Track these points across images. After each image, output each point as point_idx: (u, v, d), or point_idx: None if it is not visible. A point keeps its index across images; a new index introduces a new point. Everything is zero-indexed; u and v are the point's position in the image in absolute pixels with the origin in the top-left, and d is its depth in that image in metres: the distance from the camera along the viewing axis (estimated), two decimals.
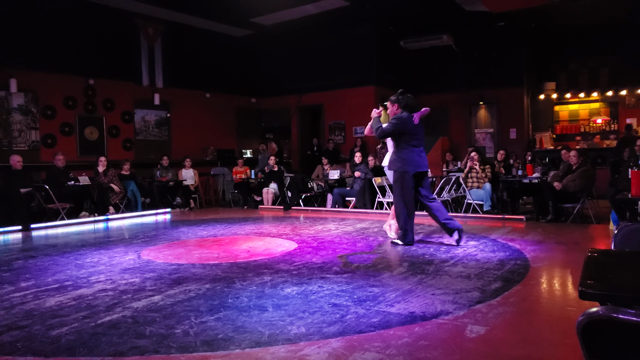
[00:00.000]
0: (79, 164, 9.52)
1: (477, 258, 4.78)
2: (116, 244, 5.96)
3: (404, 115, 5.41)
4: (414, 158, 5.35)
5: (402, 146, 5.39)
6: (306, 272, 4.27)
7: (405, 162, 5.35)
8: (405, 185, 5.36)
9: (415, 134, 5.40)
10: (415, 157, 5.36)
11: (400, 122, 5.35)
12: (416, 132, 5.41)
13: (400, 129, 5.35)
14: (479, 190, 8.13)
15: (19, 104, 9.13)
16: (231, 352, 2.56)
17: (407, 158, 5.35)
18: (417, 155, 5.40)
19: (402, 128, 5.35)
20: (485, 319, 3.01)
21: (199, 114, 12.13)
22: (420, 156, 5.42)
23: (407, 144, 5.37)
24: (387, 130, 5.41)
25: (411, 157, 5.35)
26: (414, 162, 5.35)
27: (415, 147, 5.40)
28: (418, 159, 5.39)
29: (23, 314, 3.25)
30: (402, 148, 5.39)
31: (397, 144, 5.43)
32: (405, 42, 11.98)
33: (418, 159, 5.39)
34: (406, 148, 5.37)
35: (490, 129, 12.68)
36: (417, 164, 5.38)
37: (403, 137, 5.37)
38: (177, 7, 10.40)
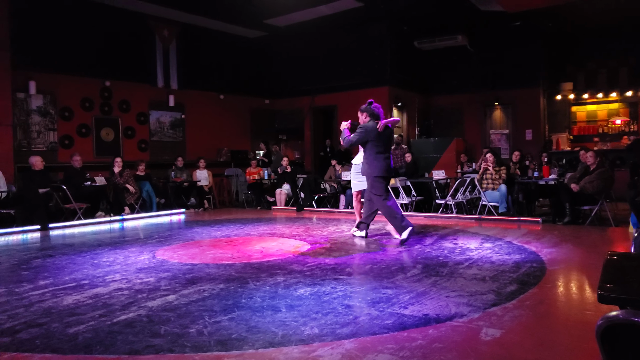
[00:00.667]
0: (96, 165, 9.64)
1: (492, 260, 4.73)
2: (131, 244, 6.03)
3: (369, 125, 5.80)
4: (379, 164, 5.76)
5: (368, 153, 5.83)
6: (319, 273, 4.27)
7: (372, 167, 5.78)
8: (379, 187, 5.78)
9: (380, 141, 5.79)
10: (380, 162, 5.77)
11: (364, 131, 5.77)
12: (381, 140, 5.80)
13: (365, 137, 5.77)
14: (494, 192, 8.05)
15: (37, 105, 9.28)
16: (245, 352, 2.56)
17: (373, 164, 5.77)
18: (382, 160, 5.80)
19: (367, 137, 5.76)
20: (500, 322, 2.98)
21: (213, 115, 12.20)
22: (385, 161, 5.82)
23: (372, 151, 5.79)
24: (352, 140, 5.85)
25: (376, 163, 5.76)
26: (380, 167, 5.76)
27: (381, 154, 5.79)
28: (383, 164, 5.79)
29: (41, 312, 3.30)
30: (369, 155, 5.82)
31: (364, 151, 5.88)
32: (419, 42, 11.93)
33: (383, 164, 5.79)
34: (372, 155, 5.78)
35: (506, 130, 12.56)
36: (382, 169, 5.77)
37: (368, 145, 5.79)
38: (191, 9, 10.49)
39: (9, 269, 4.80)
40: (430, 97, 13.46)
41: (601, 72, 12.17)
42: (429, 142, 11.96)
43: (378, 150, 5.78)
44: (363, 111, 6.00)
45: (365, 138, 5.77)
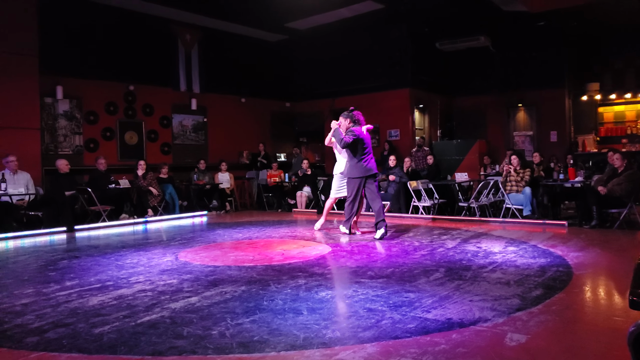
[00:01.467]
0: (120, 168, 9.81)
1: (517, 264, 4.65)
2: (155, 246, 6.10)
3: (357, 128, 6.37)
4: (367, 165, 6.35)
5: (359, 155, 6.34)
6: (340, 276, 4.25)
7: (361, 169, 6.33)
8: (358, 189, 6.39)
9: (366, 143, 6.38)
10: (368, 164, 6.37)
11: (355, 134, 6.28)
12: (367, 142, 6.40)
13: (357, 139, 6.27)
14: (518, 195, 7.92)
15: (64, 110, 9.50)
16: (266, 355, 2.57)
17: (362, 165, 6.33)
18: (369, 162, 6.39)
19: (358, 138, 6.28)
20: (525, 327, 2.92)
21: (235, 118, 12.30)
22: (371, 162, 6.42)
23: (362, 153, 6.34)
24: (348, 141, 6.25)
25: (365, 164, 6.34)
26: (367, 168, 6.35)
27: (367, 155, 6.40)
28: (370, 165, 6.39)
29: (68, 312, 3.36)
30: (359, 156, 6.35)
31: (354, 152, 6.35)
32: (440, 43, 11.83)
33: (370, 165, 6.39)
34: (362, 156, 6.34)
35: (530, 131, 12.36)
36: (369, 169, 6.37)
37: (358, 146, 6.30)
38: (213, 13, 10.60)
39: (37, 269, 4.91)
40: (453, 99, 13.34)
41: (629, 72, 11.89)
42: (451, 144, 11.85)
43: (367, 152, 6.37)
44: (346, 117, 6.53)
45: (358, 139, 6.27)
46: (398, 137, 11.96)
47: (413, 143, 11.70)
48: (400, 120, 11.93)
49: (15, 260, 5.46)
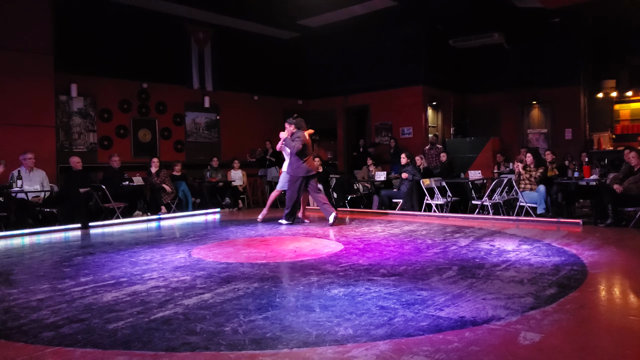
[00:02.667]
0: (133, 165, 9.91)
1: (531, 263, 4.61)
2: (168, 243, 6.15)
3: (301, 133, 7.33)
4: (304, 166, 7.31)
5: (301, 157, 7.25)
6: (353, 274, 4.25)
7: (302, 169, 7.28)
8: (298, 185, 7.33)
9: (308, 146, 7.41)
10: (304, 165, 7.31)
11: (302, 139, 7.25)
12: (308, 145, 7.42)
13: (303, 143, 7.25)
14: (532, 193, 7.85)
15: (78, 107, 9.60)
16: (279, 352, 2.57)
17: (303, 166, 7.29)
18: (310, 162, 7.39)
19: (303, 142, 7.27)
20: (539, 326, 2.89)
21: (247, 116, 12.34)
22: (311, 163, 7.44)
23: (303, 155, 7.27)
24: (298, 146, 7.21)
25: (306, 165, 7.31)
26: (308, 169, 7.33)
27: (308, 156, 7.36)
28: (310, 165, 7.39)
29: (83, 308, 3.40)
30: (301, 158, 7.27)
31: (301, 155, 7.26)
32: (454, 40, 11.75)
33: (306, 167, 7.34)
34: (303, 158, 7.27)
35: (544, 129, 12.22)
36: (309, 170, 7.35)
37: (302, 149, 7.23)
38: (226, 11, 10.64)
39: (52, 265, 4.97)
40: (466, 96, 13.24)
41: None
42: (464, 142, 11.77)
43: (307, 154, 7.33)
44: (291, 123, 7.49)
45: (303, 143, 7.25)
46: (411, 135, 11.91)
47: (426, 141, 11.63)
48: (413, 118, 11.88)
49: (31, 256, 5.54)
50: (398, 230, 6.80)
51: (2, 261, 5.20)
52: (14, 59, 8.11)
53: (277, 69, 12.91)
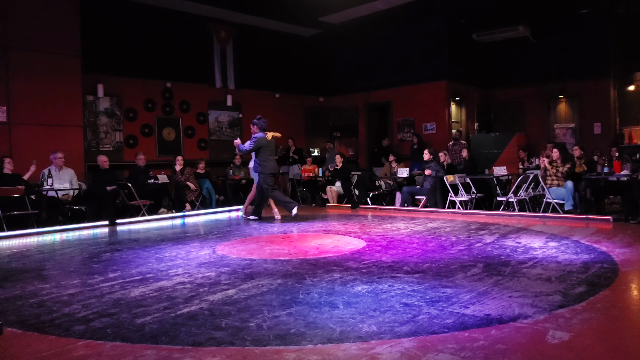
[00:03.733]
0: (158, 163, 10.06)
1: (558, 260, 4.52)
2: (192, 239, 6.23)
3: (259, 135, 7.87)
4: (269, 164, 7.86)
5: (261, 157, 7.82)
6: (376, 271, 4.23)
7: (264, 167, 7.81)
8: (266, 181, 7.83)
9: (269, 147, 7.91)
10: (270, 163, 7.88)
11: (257, 141, 7.81)
12: (270, 146, 7.92)
13: (258, 145, 7.80)
14: (560, 189, 7.68)
15: (105, 107, 9.79)
16: (303, 347, 2.58)
17: (265, 164, 7.82)
18: (272, 162, 7.95)
19: (259, 144, 7.80)
20: (568, 325, 2.84)
21: (269, 113, 12.33)
22: (273, 162, 8.00)
23: (264, 155, 7.82)
24: (249, 148, 7.83)
25: (267, 163, 7.83)
26: (270, 167, 7.87)
27: (270, 156, 7.91)
28: (272, 164, 7.95)
29: (111, 303, 3.47)
30: (262, 158, 7.83)
31: (257, 155, 7.83)
32: (477, 35, 11.57)
33: (272, 165, 7.94)
34: (263, 158, 7.82)
35: (572, 123, 11.95)
36: (271, 168, 7.91)
37: (261, 150, 7.80)
38: (248, 10, 10.69)
39: (82, 261, 5.09)
40: (490, 91, 13.04)
41: None
42: (489, 138, 11.58)
43: (268, 154, 7.83)
44: (254, 124, 8.00)
45: (258, 145, 7.77)
46: (434, 131, 11.79)
47: (449, 136, 11.50)
48: (436, 114, 11.75)
49: (61, 252, 5.68)
50: (421, 228, 6.75)
51: (35, 257, 5.35)
52: (43, 60, 8.32)
53: (298, 67, 12.92)
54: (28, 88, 8.16)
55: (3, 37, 7.93)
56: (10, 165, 7.34)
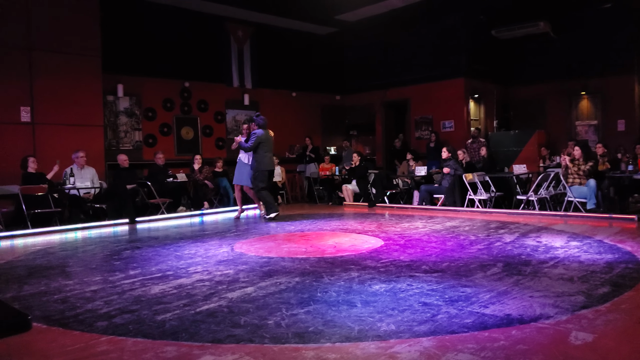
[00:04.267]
0: (177, 162, 10.16)
1: (581, 260, 4.44)
2: (211, 237, 6.28)
3: (259, 132, 7.82)
4: (266, 160, 7.81)
5: (258, 153, 7.76)
6: (394, 270, 4.21)
7: (260, 163, 7.76)
8: (261, 178, 7.81)
9: (267, 143, 7.86)
10: (267, 160, 7.83)
11: (258, 138, 7.75)
12: (268, 142, 7.87)
13: (258, 141, 7.76)
14: (582, 187, 7.55)
15: (125, 107, 9.93)
16: (322, 345, 2.59)
17: (261, 161, 7.76)
18: (269, 158, 7.89)
19: (259, 140, 7.76)
20: (592, 326, 2.79)
21: (286, 112, 12.42)
22: (270, 159, 7.94)
23: (262, 151, 7.77)
24: (251, 145, 7.75)
25: (263, 160, 7.78)
26: (266, 163, 7.82)
27: (267, 152, 7.84)
28: (269, 161, 7.89)
29: (132, 300, 3.52)
30: (259, 154, 7.76)
31: (257, 151, 7.76)
32: (497, 31, 11.42)
33: (269, 161, 7.89)
34: (260, 154, 7.76)
35: (594, 120, 11.73)
36: (268, 164, 7.86)
37: (259, 146, 7.77)
38: (264, 9, 10.72)
39: (103, 259, 5.17)
40: (510, 88, 12.87)
41: None
42: (508, 135, 11.44)
43: (265, 150, 7.79)
44: (253, 122, 8.04)
45: (258, 142, 7.73)
46: (452, 129, 11.68)
47: (468, 134, 11.38)
48: (454, 111, 11.64)
49: (83, 249, 5.78)
50: (440, 226, 6.70)
51: (59, 254, 5.45)
52: (65, 61, 8.46)
53: (314, 65, 12.92)
54: (50, 89, 8.31)
55: (26, 38, 8.08)
56: (34, 165, 7.50)
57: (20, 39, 8.03)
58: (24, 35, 8.07)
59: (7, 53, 7.91)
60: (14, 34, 7.97)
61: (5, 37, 7.89)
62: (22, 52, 8.05)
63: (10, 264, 4.99)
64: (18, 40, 8.00)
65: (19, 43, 8.02)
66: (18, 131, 8.00)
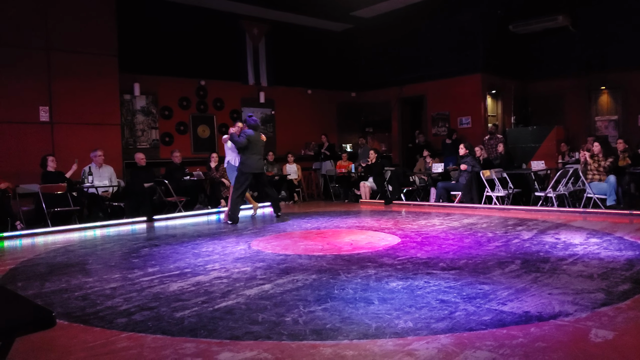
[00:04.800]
0: (193, 160, 10.25)
1: (600, 257, 4.37)
2: (228, 235, 6.33)
3: (249, 132, 7.51)
4: (252, 163, 7.44)
5: (246, 154, 7.42)
6: (411, 267, 4.20)
7: (245, 165, 7.42)
8: (242, 180, 7.41)
9: (257, 146, 7.53)
10: (253, 162, 7.46)
11: (248, 136, 7.42)
12: (257, 145, 7.54)
13: (248, 140, 7.41)
14: (601, 183, 7.43)
15: (141, 106, 10.04)
16: (340, 342, 2.59)
17: (247, 163, 7.42)
18: (257, 161, 7.51)
19: (249, 139, 7.42)
20: (612, 323, 2.75)
21: (301, 110, 12.44)
22: (258, 161, 7.54)
23: (249, 152, 7.41)
24: (241, 141, 7.40)
25: (250, 161, 7.43)
26: (252, 165, 7.44)
27: (255, 155, 7.48)
28: (256, 164, 7.50)
29: (151, 297, 3.57)
30: (246, 155, 7.42)
31: (244, 152, 7.42)
32: (514, 26, 11.28)
33: (255, 164, 7.48)
34: (247, 155, 7.42)
35: (614, 116, 11.51)
36: (255, 167, 7.48)
37: (249, 147, 7.41)
38: (280, 6, 10.73)
39: (122, 256, 5.25)
40: (528, 83, 12.69)
41: None
42: (526, 131, 11.29)
43: (253, 152, 7.46)
44: (245, 122, 7.80)
45: (247, 141, 7.41)
46: (469, 125, 11.57)
47: (485, 131, 11.27)
48: (471, 107, 11.53)
49: (102, 247, 5.87)
50: (457, 224, 6.66)
51: (78, 252, 5.55)
52: (82, 61, 8.58)
53: (330, 62, 12.90)
54: (68, 88, 8.44)
55: (45, 39, 8.22)
56: (53, 164, 7.63)
57: (39, 41, 8.16)
58: (42, 36, 8.20)
59: (26, 54, 8.06)
60: (32, 36, 8.11)
61: (25, 39, 8.04)
62: (40, 53, 8.19)
63: (31, 261, 5.09)
64: (36, 41, 8.14)
65: (38, 44, 8.16)
66: (37, 131, 8.15)
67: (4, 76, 7.84)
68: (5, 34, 7.85)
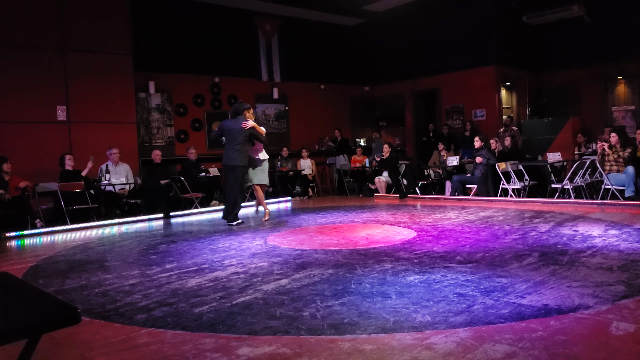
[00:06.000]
0: (209, 157, 10.31)
1: (620, 249, 4.32)
2: (244, 231, 6.37)
3: (224, 122, 6.86)
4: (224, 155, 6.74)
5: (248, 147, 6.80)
6: (428, 261, 4.19)
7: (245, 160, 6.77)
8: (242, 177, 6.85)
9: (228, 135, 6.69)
10: (224, 154, 6.73)
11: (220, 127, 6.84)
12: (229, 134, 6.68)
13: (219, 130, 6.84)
14: (619, 175, 7.32)
15: (156, 103, 10.12)
16: (358, 337, 2.60)
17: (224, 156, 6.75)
18: (225, 152, 6.73)
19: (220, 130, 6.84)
20: (633, 316, 2.72)
21: (314, 105, 12.43)
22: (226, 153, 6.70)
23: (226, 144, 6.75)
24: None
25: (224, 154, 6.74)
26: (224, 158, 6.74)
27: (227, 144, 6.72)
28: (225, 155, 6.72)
29: (170, 293, 3.62)
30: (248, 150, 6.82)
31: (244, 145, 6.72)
32: (528, 16, 11.12)
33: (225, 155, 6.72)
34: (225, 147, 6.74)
35: (632, 106, 11.31)
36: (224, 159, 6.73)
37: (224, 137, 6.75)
38: (292, 1, 10.72)
39: (140, 253, 5.32)
40: (542, 75, 12.52)
41: None
42: (542, 123, 11.16)
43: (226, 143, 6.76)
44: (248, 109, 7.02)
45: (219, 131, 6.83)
46: (484, 117, 11.47)
47: (500, 123, 11.16)
48: (485, 100, 11.42)
49: (120, 244, 5.95)
50: (473, 217, 6.62)
51: (97, 249, 5.63)
52: (98, 61, 8.67)
53: (342, 57, 12.86)
54: (84, 88, 8.54)
55: (61, 39, 8.32)
56: (71, 162, 7.74)
57: (55, 41, 8.27)
58: (58, 37, 8.30)
59: (43, 55, 8.16)
60: (49, 37, 8.21)
61: (41, 40, 8.14)
62: (57, 53, 8.29)
63: (51, 259, 5.18)
64: (53, 42, 8.25)
65: (54, 45, 8.26)
66: (55, 130, 8.27)
67: (22, 77, 7.96)
68: (22, 36, 7.96)
